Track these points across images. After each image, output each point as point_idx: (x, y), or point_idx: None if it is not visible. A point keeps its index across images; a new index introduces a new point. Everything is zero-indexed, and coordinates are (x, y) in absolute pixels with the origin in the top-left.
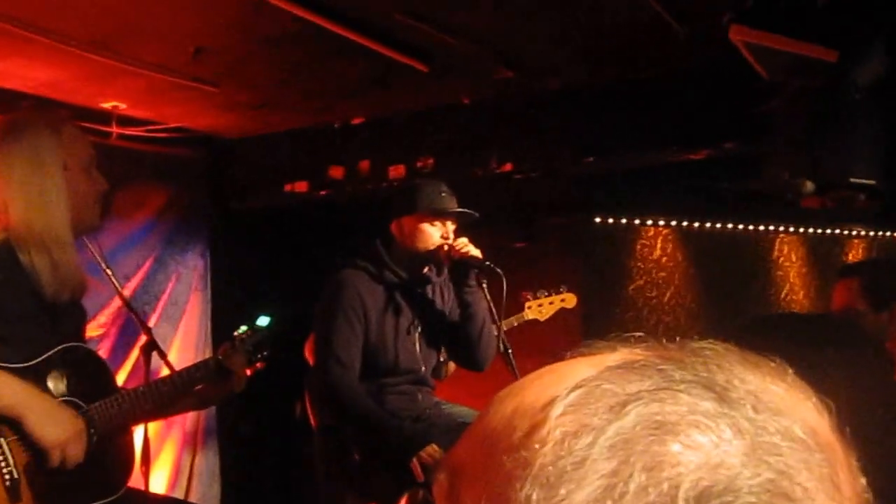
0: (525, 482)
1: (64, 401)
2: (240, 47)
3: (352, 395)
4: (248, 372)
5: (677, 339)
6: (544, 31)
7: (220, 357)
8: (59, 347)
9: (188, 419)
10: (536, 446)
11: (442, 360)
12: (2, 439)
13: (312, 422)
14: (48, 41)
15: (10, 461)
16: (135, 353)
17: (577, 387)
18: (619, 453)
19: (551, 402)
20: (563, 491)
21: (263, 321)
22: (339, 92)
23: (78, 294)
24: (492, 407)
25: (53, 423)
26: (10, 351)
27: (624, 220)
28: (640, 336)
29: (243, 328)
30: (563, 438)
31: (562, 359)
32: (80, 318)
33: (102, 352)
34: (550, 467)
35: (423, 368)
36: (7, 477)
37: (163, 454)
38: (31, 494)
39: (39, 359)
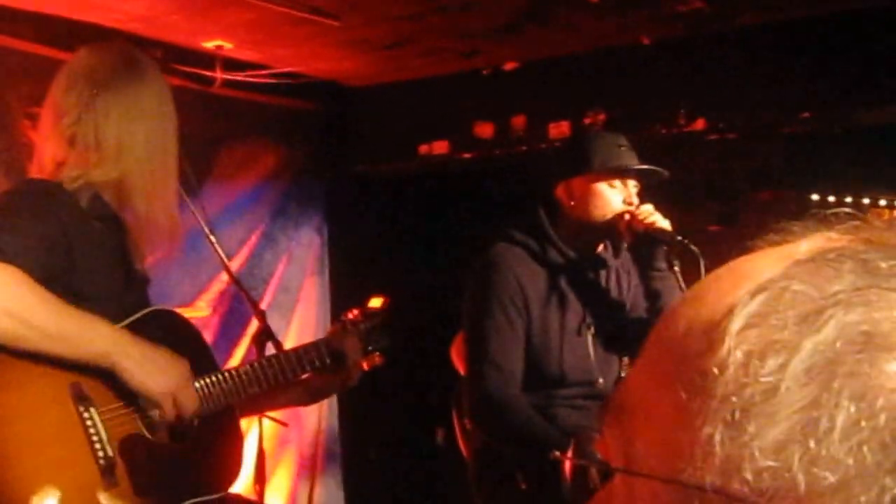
0: (705, 418)
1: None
2: None
3: (515, 407)
4: (365, 366)
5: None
6: None
7: (331, 340)
8: (150, 309)
9: (304, 440)
10: (715, 371)
11: (625, 371)
12: (93, 409)
13: (463, 444)
14: None
15: (103, 437)
16: (244, 343)
17: (759, 290)
18: (818, 377)
19: (730, 313)
20: (751, 428)
21: (376, 302)
22: (489, 30)
23: (143, 259)
24: (662, 323)
25: (156, 371)
26: (96, 310)
27: (850, 199)
28: (843, 213)
29: (353, 311)
30: (746, 360)
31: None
32: (146, 287)
33: None
34: (734, 398)
35: (601, 380)
36: (101, 455)
37: (276, 478)
38: (127, 478)
39: (129, 319)
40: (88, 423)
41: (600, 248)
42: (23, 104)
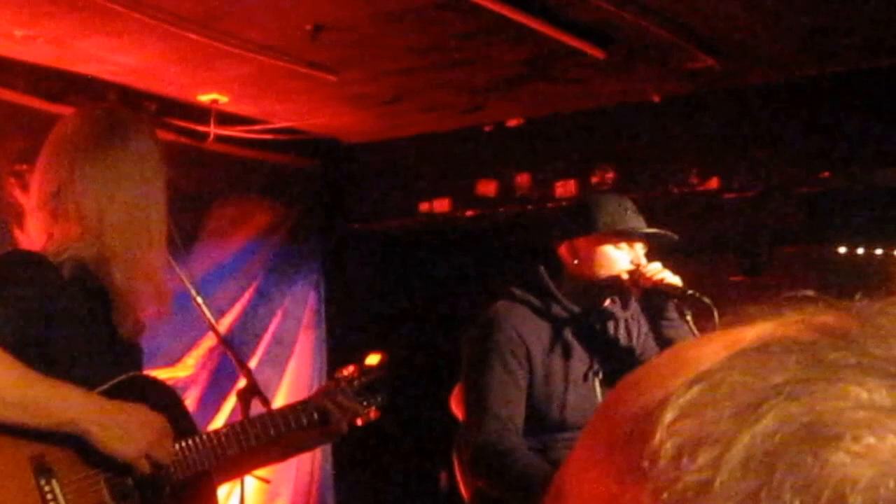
0: None
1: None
2: (368, 25)
3: (514, 456)
4: (360, 421)
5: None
6: (758, 5)
7: (319, 399)
8: (127, 375)
9: (297, 492)
10: (646, 464)
11: None
12: (55, 482)
13: (464, 492)
14: (136, 16)
15: None
16: (231, 400)
17: (697, 380)
18: (757, 470)
19: (664, 403)
20: None
21: (374, 359)
22: (492, 85)
23: (139, 329)
24: (602, 407)
25: (127, 431)
26: (67, 378)
27: (879, 251)
28: (810, 296)
29: (349, 367)
30: (678, 453)
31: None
32: (139, 356)
33: (191, 400)
34: (665, 493)
35: None
36: None
37: None
38: None
39: (105, 386)
40: (49, 496)
41: (607, 302)
42: (10, 161)
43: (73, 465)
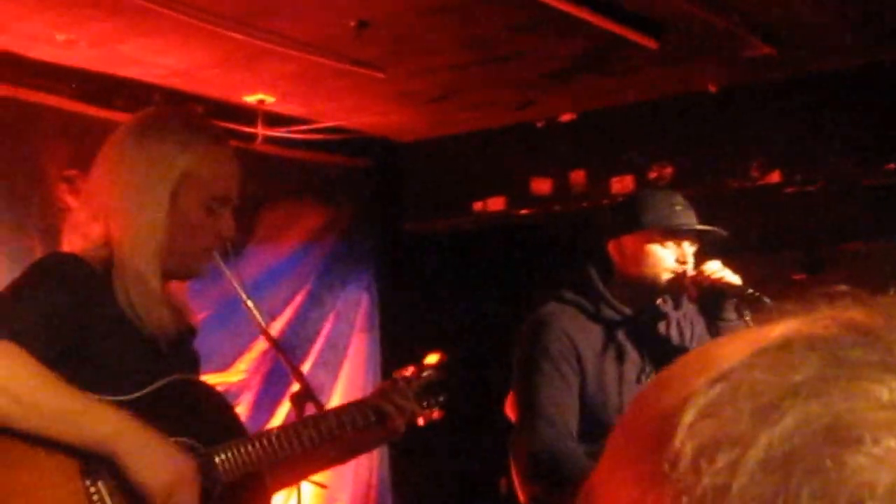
0: None
1: (176, 442)
2: (415, 19)
3: (568, 462)
4: (421, 421)
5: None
6: None
7: (376, 399)
8: (169, 378)
9: (355, 498)
10: (666, 467)
11: None
12: (101, 483)
13: (521, 498)
14: (179, 17)
15: None
16: (285, 405)
17: (718, 379)
18: (775, 473)
19: (685, 403)
20: None
21: (432, 358)
22: (544, 79)
23: (180, 333)
24: (629, 408)
25: (155, 462)
26: (109, 382)
27: None
28: (843, 291)
29: (408, 367)
30: (697, 456)
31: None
32: (187, 360)
33: (244, 406)
34: (685, 497)
35: None
36: None
37: None
38: None
39: (144, 390)
40: (95, 497)
41: (659, 301)
42: (59, 166)
43: (112, 472)
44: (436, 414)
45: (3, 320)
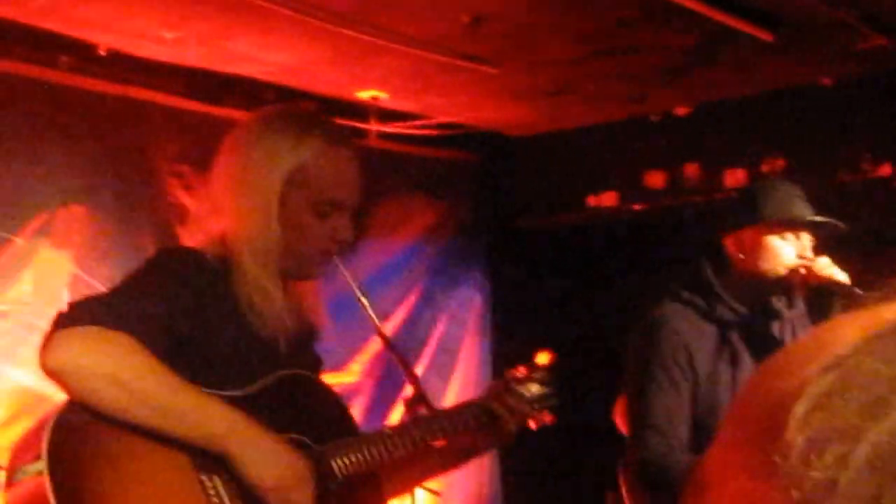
0: None
1: (288, 439)
2: (528, 14)
3: (677, 474)
4: (533, 425)
5: None
6: None
7: (487, 400)
8: (280, 374)
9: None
10: (778, 459)
11: None
12: (216, 478)
13: None
14: (291, 14)
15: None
16: (398, 409)
17: (831, 366)
18: (881, 471)
19: (798, 391)
20: None
21: (543, 359)
22: (658, 73)
23: (303, 335)
24: (740, 396)
25: (269, 460)
26: (221, 376)
27: None
28: None
29: (519, 368)
30: (807, 449)
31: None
32: (311, 364)
33: (357, 409)
34: (795, 491)
35: None
36: None
37: None
38: None
39: (255, 386)
40: (211, 492)
41: (774, 300)
42: (170, 162)
43: (226, 468)
44: (548, 418)
45: (119, 312)
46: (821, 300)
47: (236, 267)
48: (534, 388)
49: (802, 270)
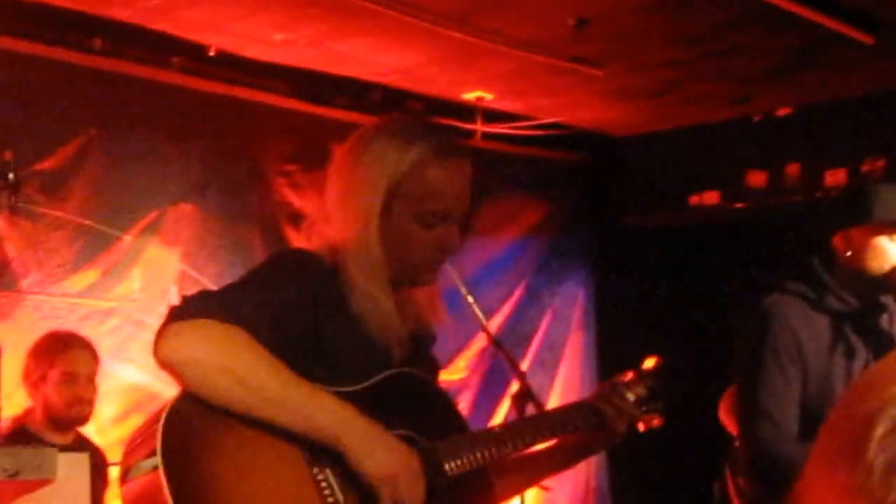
0: None
1: (398, 436)
2: (632, 17)
3: (788, 465)
4: (642, 427)
5: None
6: None
7: (595, 400)
8: (389, 372)
9: (573, 499)
10: (861, 479)
11: None
12: (328, 471)
13: (736, 501)
14: (397, 16)
15: (340, 499)
16: (504, 405)
17: None
18: None
19: (878, 413)
20: None
21: (650, 363)
22: (760, 74)
23: (419, 340)
24: (832, 414)
25: (380, 454)
26: (330, 375)
27: None
28: None
29: (627, 373)
30: (887, 470)
31: None
32: (427, 367)
33: (464, 405)
34: None
35: None
36: None
37: None
38: None
39: (365, 384)
40: (323, 484)
41: (881, 295)
42: (277, 162)
43: (338, 460)
44: (656, 421)
45: (232, 306)
46: None
47: (345, 275)
48: (641, 392)
49: None
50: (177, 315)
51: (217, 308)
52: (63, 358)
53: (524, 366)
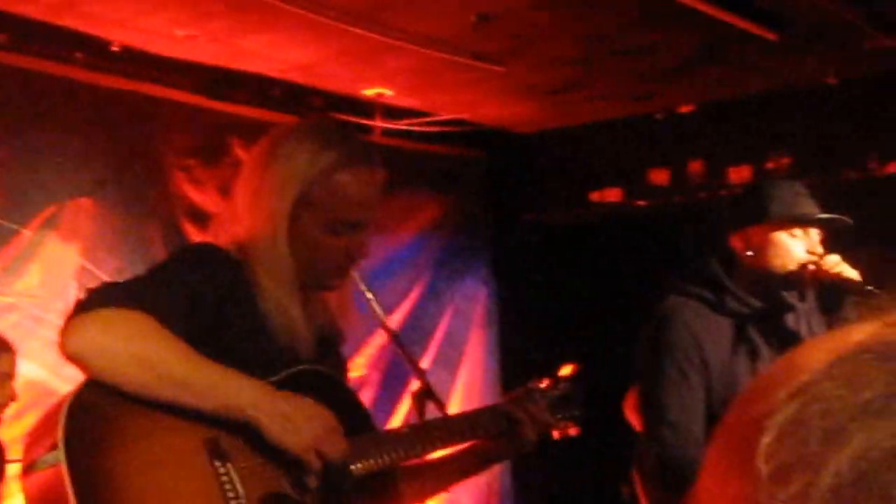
0: None
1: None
2: (534, 14)
3: (691, 470)
4: (556, 435)
5: None
6: None
7: (509, 406)
8: (297, 368)
9: (476, 501)
10: (750, 487)
11: None
12: (230, 465)
13: (644, 500)
14: (300, 12)
15: (241, 493)
16: (404, 403)
17: (796, 393)
18: (844, 500)
19: (766, 418)
20: None
21: (567, 370)
22: (663, 71)
23: (326, 340)
24: (725, 416)
25: (296, 423)
26: (235, 366)
27: None
28: None
29: (543, 379)
30: (775, 478)
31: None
32: (334, 365)
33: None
34: None
35: None
36: None
37: None
38: None
39: (275, 377)
40: (224, 478)
41: (785, 294)
42: (178, 156)
43: (248, 451)
44: (572, 430)
45: (138, 295)
46: (832, 297)
47: (252, 274)
48: (557, 399)
49: (812, 266)
50: (81, 307)
51: (122, 297)
52: None
53: (424, 363)
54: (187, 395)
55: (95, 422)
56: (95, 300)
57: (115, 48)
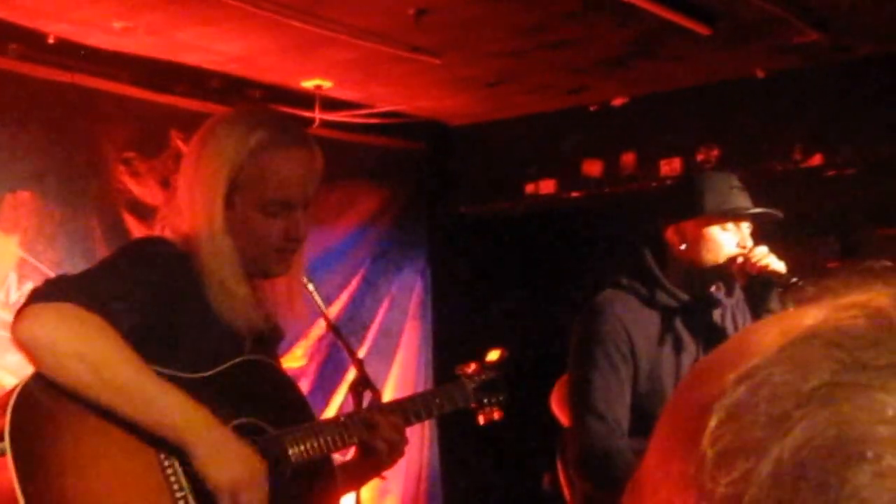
0: None
1: (245, 423)
2: (471, 7)
3: (617, 460)
4: (482, 420)
5: None
6: None
7: (434, 391)
8: (238, 359)
9: (406, 488)
10: (692, 471)
11: None
12: (175, 461)
13: (567, 491)
14: (239, 5)
15: (185, 486)
16: (341, 392)
17: (744, 377)
18: (783, 488)
19: (714, 402)
20: None
21: (494, 355)
22: (596, 64)
23: (268, 332)
24: (672, 399)
25: (224, 460)
26: (184, 360)
27: None
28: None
29: (470, 365)
30: (717, 462)
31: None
32: (265, 347)
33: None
34: (705, 503)
35: None
36: None
37: None
38: None
39: (214, 370)
40: (169, 470)
41: (713, 288)
42: (118, 149)
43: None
44: (496, 414)
45: (92, 292)
46: (758, 288)
47: (199, 265)
48: (484, 384)
49: (741, 259)
50: (38, 297)
51: (78, 292)
52: None
53: (362, 353)
54: (125, 405)
55: (44, 412)
56: (52, 292)
57: (51, 40)
